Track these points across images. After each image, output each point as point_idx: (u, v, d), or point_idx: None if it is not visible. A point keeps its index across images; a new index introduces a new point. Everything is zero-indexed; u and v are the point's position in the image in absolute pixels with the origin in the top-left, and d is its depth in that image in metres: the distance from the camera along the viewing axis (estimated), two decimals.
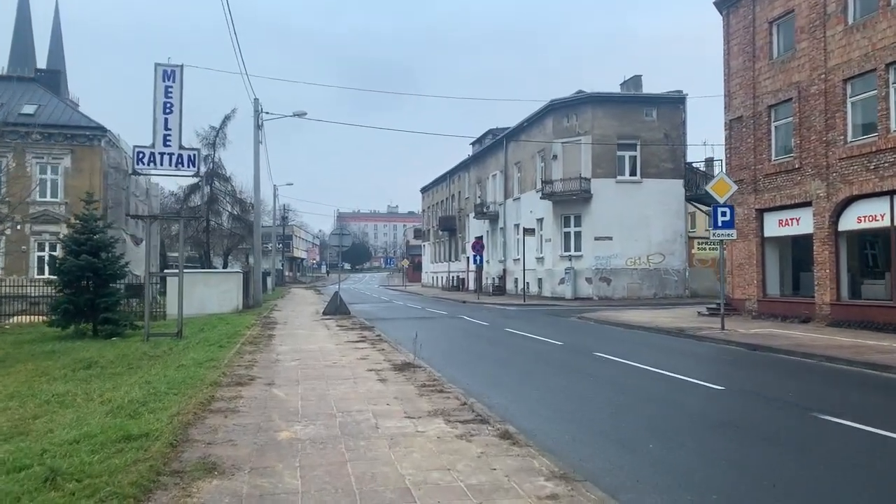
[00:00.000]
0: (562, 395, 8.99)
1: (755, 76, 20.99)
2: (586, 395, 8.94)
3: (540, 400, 8.71)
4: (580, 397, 8.82)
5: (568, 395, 8.98)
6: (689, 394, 9.12)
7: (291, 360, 11.53)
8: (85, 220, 18.71)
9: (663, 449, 6.22)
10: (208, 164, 42.51)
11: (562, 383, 9.95)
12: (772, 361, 12.46)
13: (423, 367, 10.48)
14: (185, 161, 16.55)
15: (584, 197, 34.74)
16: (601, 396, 8.86)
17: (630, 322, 20.51)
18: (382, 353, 12.62)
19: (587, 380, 10.26)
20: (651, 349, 14.56)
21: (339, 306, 23.95)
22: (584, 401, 8.60)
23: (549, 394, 9.10)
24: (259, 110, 30.50)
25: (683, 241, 35.62)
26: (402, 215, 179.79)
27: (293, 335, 16.44)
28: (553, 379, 10.39)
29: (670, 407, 8.27)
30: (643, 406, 8.31)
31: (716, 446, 6.43)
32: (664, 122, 35.65)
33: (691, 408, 8.26)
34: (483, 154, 50.15)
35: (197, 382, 8.78)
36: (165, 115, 16.56)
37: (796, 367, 11.76)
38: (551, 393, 9.17)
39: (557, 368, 11.50)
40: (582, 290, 34.74)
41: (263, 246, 59.49)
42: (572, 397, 8.85)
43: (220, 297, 26.24)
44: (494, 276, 45.88)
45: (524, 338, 16.61)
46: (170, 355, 13.27)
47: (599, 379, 10.32)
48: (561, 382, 10.02)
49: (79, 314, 18.26)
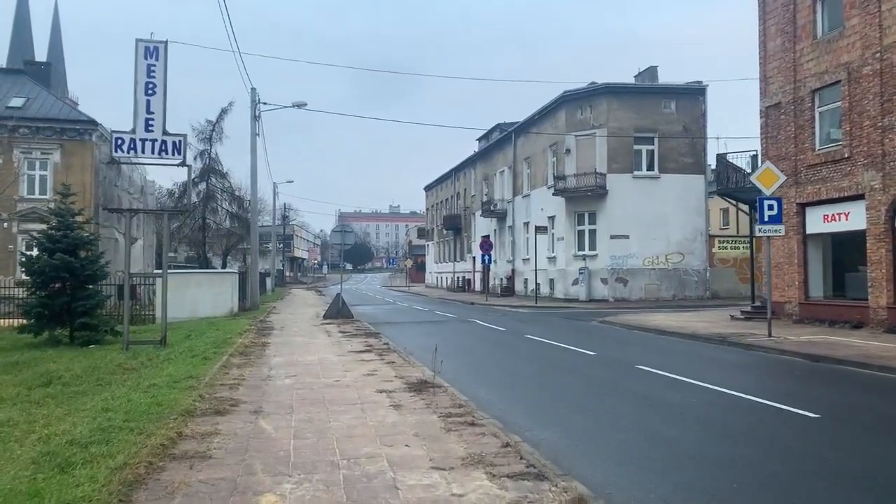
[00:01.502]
0: (621, 428, 7.20)
1: (796, 58, 19.19)
2: (652, 428, 7.15)
3: (596, 434, 6.93)
4: (646, 431, 7.03)
5: (628, 428, 7.18)
6: (781, 424, 7.32)
7: (286, 377, 9.74)
8: (61, 214, 16.95)
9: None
10: (205, 160, 40.82)
11: (614, 409, 8.15)
12: (847, 376, 10.66)
13: (443, 386, 8.70)
14: (169, 148, 14.71)
15: (599, 193, 32.92)
16: (671, 430, 7.07)
17: (660, 327, 18.72)
18: (392, 366, 10.83)
19: (643, 404, 8.46)
20: (698, 361, 12.77)
21: (342, 309, 22.17)
22: (653, 436, 6.80)
23: (606, 426, 7.31)
24: (256, 100, 28.76)
25: (704, 240, 33.81)
26: (404, 215, 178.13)
27: (290, 343, 14.66)
28: (601, 402, 8.59)
29: (768, 446, 6.47)
30: (733, 445, 6.51)
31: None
32: (683, 115, 33.84)
33: (796, 446, 6.46)
34: (490, 150, 48.34)
35: (165, 411, 7.00)
36: (147, 96, 14.72)
37: (879, 383, 9.96)
38: (607, 424, 7.38)
39: (601, 387, 9.71)
40: (597, 292, 32.93)
41: (264, 246, 57.82)
42: (636, 430, 7.06)
43: (213, 299, 24.49)
44: (502, 277, 44.09)
45: (549, 346, 14.81)
46: (146, 368, 11.50)
47: (657, 403, 8.52)
48: (612, 407, 8.23)
49: (53, 319, 16.49)
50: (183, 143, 14.90)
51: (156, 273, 25.66)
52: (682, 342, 15.76)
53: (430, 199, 70.46)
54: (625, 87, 34.48)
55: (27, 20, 71.50)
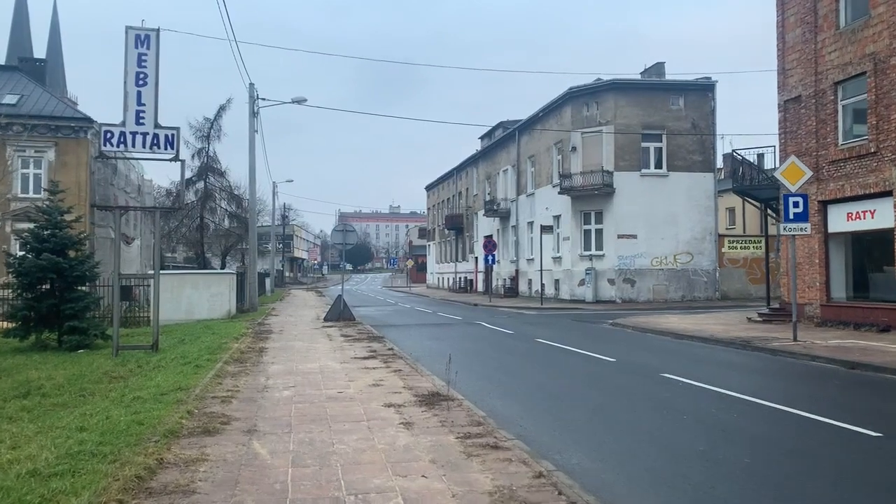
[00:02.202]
0: (663, 449, 6.38)
1: (817, 49, 18.38)
2: (697, 448, 6.34)
3: (637, 458, 6.11)
4: (692, 452, 6.22)
5: (671, 448, 6.38)
6: (842, 446, 6.51)
7: (284, 388, 8.93)
8: (48, 212, 16.14)
9: None
10: (202, 158, 40.00)
11: (648, 425, 7.34)
12: (891, 386, 9.86)
13: (457, 399, 7.88)
14: (161, 142, 13.90)
15: (606, 192, 32.10)
16: (720, 451, 6.26)
17: (675, 330, 17.91)
18: (399, 375, 10.02)
19: (678, 418, 7.65)
20: (725, 368, 11.96)
21: (343, 311, 21.36)
22: (702, 459, 5.99)
23: (644, 447, 6.49)
24: (255, 96, 27.97)
25: (713, 240, 33.00)
26: (404, 215, 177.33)
27: (289, 349, 13.84)
28: (632, 417, 7.78)
29: (837, 473, 5.66)
30: (798, 472, 5.71)
31: None
32: (692, 111, 33.03)
33: (870, 474, 5.65)
34: (493, 148, 47.53)
35: (147, 431, 6.19)
36: (138, 87, 13.90)
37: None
38: (645, 444, 6.56)
39: (629, 399, 8.88)
40: (603, 293, 32.11)
41: (263, 246, 57.00)
42: (680, 452, 6.25)
43: (210, 300, 23.69)
44: (506, 277, 43.28)
45: (563, 352, 14.00)
46: (134, 377, 10.71)
47: (695, 417, 7.71)
48: (646, 423, 7.41)
49: (40, 322, 15.69)
50: (176, 137, 14.09)
51: (144, 275, 24.85)
52: (703, 347, 14.94)
53: (431, 198, 69.63)
54: (632, 82, 33.66)
55: (26, 19, 70.77)
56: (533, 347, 14.96)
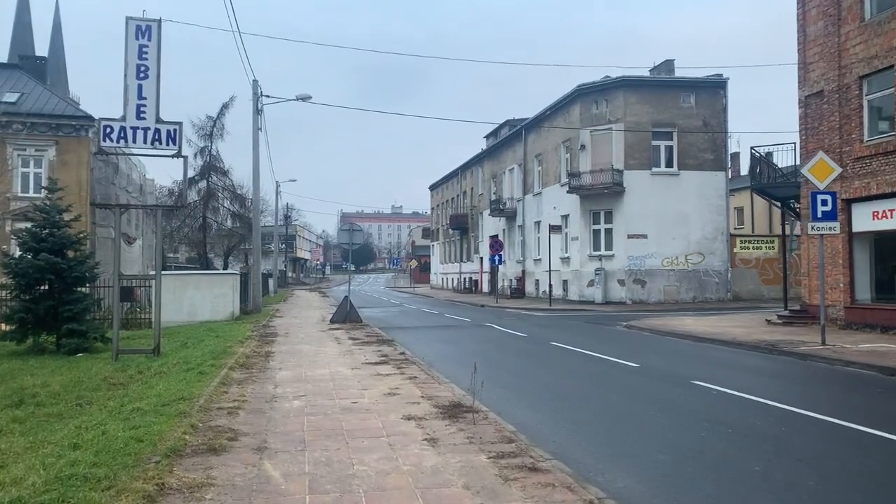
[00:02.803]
0: (716, 470, 5.79)
1: (841, 42, 17.76)
2: (748, 468, 5.76)
3: (691, 480, 5.52)
4: (747, 474, 5.63)
5: (724, 469, 5.79)
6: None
7: (294, 398, 8.35)
8: (46, 211, 15.59)
9: None
10: (205, 157, 39.46)
11: (691, 440, 6.74)
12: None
13: (482, 410, 7.29)
14: (163, 137, 13.32)
15: (615, 190, 31.48)
16: (777, 471, 5.66)
17: (694, 333, 17.31)
18: (415, 383, 9.43)
19: (721, 432, 7.05)
20: (757, 374, 11.36)
21: (350, 313, 20.78)
22: (760, 483, 5.40)
23: (695, 466, 5.89)
24: (258, 93, 27.40)
25: (725, 240, 32.36)
26: (406, 215, 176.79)
27: (297, 353, 13.26)
28: (672, 431, 7.17)
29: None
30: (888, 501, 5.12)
31: None
32: (703, 109, 32.41)
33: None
34: (499, 147, 46.93)
35: (147, 449, 5.61)
36: (139, 80, 13.33)
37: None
38: (694, 463, 5.96)
39: (664, 410, 8.27)
40: (613, 294, 31.49)
41: (266, 246, 56.45)
42: (734, 473, 5.66)
43: (213, 301, 23.12)
44: (512, 278, 42.70)
45: (582, 356, 13.40)
46: (134, 384, 10.15)
47: (737, 430, 7.11)
48: (688, 438, 6.82)
49: (38, 325, 15.15)
50: (178, 132, 13.52)
51: (153, 274, 24.24)
52: (727, 351, 14.33)
53: (435, 198, 69.04)
54: (642, 80, 33.05)
55: (27, 18, 70.21)
56: (550, 352, 14.37)
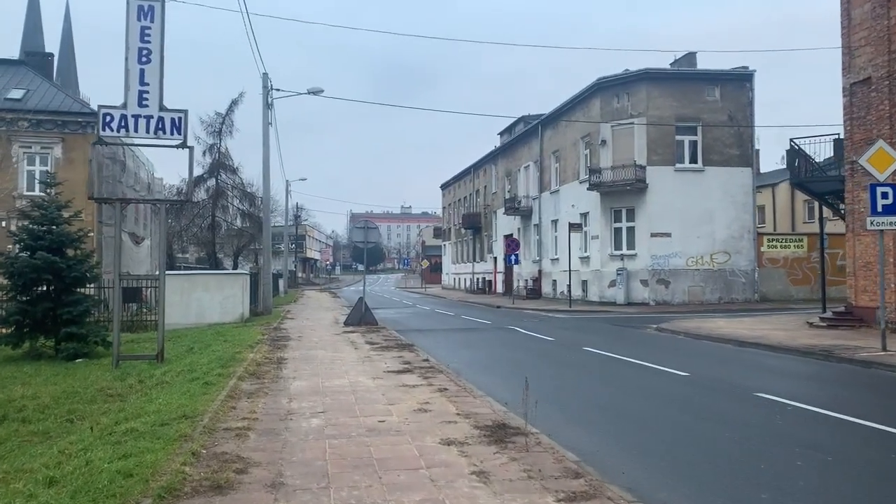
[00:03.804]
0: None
1: (891, 26, 16.57)
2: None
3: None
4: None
5: None
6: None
7: (312, 415, 7.30)
8: (44, 207, 14.66)
9: None
10: (214, 154, 38.56)
11: (787, 471, 5.64)
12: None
13: (531, 432, 6.22)
14: (166, 126, 12.35)
15: (638, 187, 30.30)
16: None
17: (733, 336, 16.16)
18: (446, 395, 8.38)
19: (822, 461, 5.94)
20: (821, 384, 10.25)
21: (365, 315, 19.76)
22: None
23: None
24: (269, 87, 26.46)
25: (752, 238, 31.12)
26: (415, 215, 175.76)
27: (311, 359, 12.23)
28: (764, 460, 6.02)
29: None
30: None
31: None
32: (728, 103, 31.18)
33: None
34: (514, 144, 45.81)
35: (136, 487, 4.58)
36: (141, 65, 12.36)
37: None
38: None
39: (740, 431, 7.13)
40: (635, 294, 30.31)
41: (276, 246, 55.59)
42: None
43: (222, 303, 22.16)
44: (527, 278, 41.56)
45: (623, 364, 12.30)
46: (133, 395, 9.15)
47: (842, 459, 6.01)
48: (781, 468, 5.72)
49: (35, 328, 14.22)
50: (183, 121, 12.52)
51: (157, 275, 23.25)
52: (776, 357, 13.18)
53: (446, 197, 67.97)
54: (665, 72, 31.83)
55: (38, 18, 69.66)
56: (584, 358, 13.27)
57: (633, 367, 11.78)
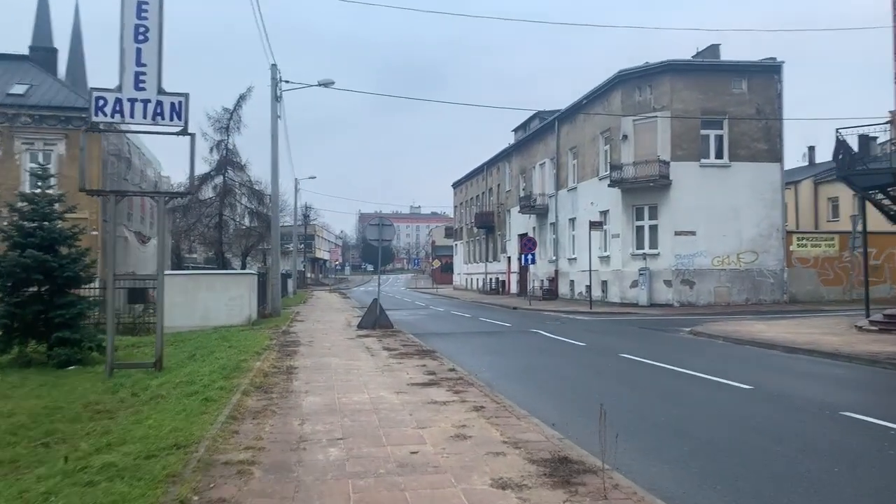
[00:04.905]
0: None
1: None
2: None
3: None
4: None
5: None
6: None
7: (329, 442, 6.11)
8: (34, 201, 13.55)
9: None
10: (221, 151, 37.50)
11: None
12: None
13: (601, 469, 5.01)
14: (165, 111, 11.21)
15: (661, 184, 29.00)
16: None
17: (777, 341, 14.87)
18: (484, 415, 7.17)
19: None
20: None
21: (380, 318, 18.60)
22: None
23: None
24: (277, 78, 25.36)
25: (781, 237, 29.74)
26: (424, 216, 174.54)
27: (325, 368, 11.04)
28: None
29: None
30: None
31: None
32: (756, 95, 29.82)
33: None
34: (528, 140, 44.55)
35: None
36: (138, 44, 11.22)
37: None
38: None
39: (855, 466, 5.91)
40: (658, 295, 29.02)
41: (284, 246, 54.58)
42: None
43: (228, 304, 21.01)
44: (543, 279, 40.27)
45: (669, 373, 11.05)
46: (123, 412, 7.99)
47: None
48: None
49: (25, 332, 13.08)
50: (184, 105, 11.35)
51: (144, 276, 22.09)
52: (841, 367, 11.87)
53: (458, 196, 66.77)
54: (689, 64, 30.51)
55: (47, 13, 68.92)
56: (625, 367, 12.02)
57: (686, 378, 10.52)
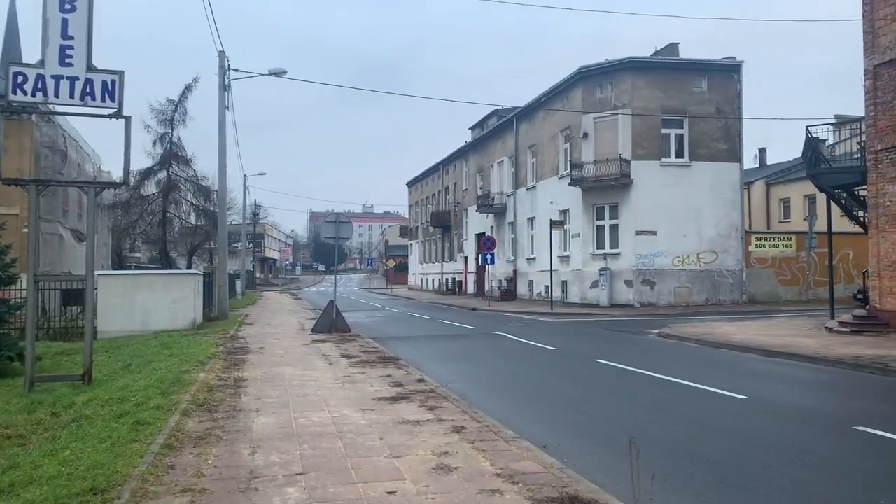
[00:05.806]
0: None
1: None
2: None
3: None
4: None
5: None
6: None
7: (286, 480, 5.04)
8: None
9: None
10: (165, 144, 35.56)
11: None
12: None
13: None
14: (96, 90, 9.88)
15: (622, 183, 28.57)
16: None
17: (754, 345, 14.36)
18: (466, 438, 6.20)
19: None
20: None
21: (336, 321, 17.44)
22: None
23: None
24: (226, 67, 23.85)
25: (740, 237, 29.68)
26: (378, 215, 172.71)
27: (277, 380, 9.90)
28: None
29: None
30: None
31: None
32: (716, 94, 29.69)
33: None
34: (486, 138, 43.81)
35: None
36: (64, 13, 9.84)
37: None
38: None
39: (877, 492, 5.19)
40: (619, 296, 28.59)
41: (233, 245, 52.52)
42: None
43: (171, 307, 19.52)
44: (501, 279, 39.59)
45: (652, 381, 10.29)
46: (37, 437, 6.74)
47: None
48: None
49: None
50: (118, 84, 10.03)
51: (72, 276, 20.24)
52: (826, 372, 11.32)
53: (413, 195, 65.66)
54: (651, 61, 30.20)
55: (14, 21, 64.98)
56: (606, 375, 11.21)
57: (673, 387, 9.76)
